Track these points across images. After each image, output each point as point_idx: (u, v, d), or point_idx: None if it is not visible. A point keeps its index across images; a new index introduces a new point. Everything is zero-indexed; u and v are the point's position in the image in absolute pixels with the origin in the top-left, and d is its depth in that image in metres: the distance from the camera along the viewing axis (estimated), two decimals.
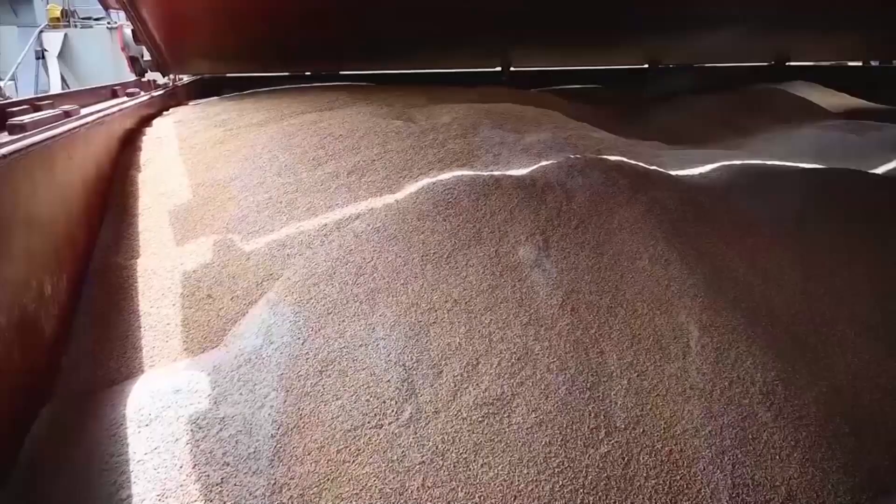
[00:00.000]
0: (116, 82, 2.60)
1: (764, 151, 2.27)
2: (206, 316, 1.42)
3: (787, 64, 4.20)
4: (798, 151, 2.26)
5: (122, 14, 2.73)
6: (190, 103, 2.89)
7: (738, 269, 1.54)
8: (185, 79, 3.36)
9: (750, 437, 1.18)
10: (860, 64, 4.52)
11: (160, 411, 1.16)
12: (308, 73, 3.57)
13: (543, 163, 1.85)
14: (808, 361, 1.35)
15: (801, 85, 3.97)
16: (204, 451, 1.11)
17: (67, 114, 1.69)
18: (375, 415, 1.18)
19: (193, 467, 1.08)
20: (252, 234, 1.63)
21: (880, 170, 2.15)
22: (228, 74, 3.53)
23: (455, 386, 1.23)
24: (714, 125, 2.97)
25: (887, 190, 1.97)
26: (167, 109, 2.69)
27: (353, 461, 1.11)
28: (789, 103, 3.48)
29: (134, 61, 2.97)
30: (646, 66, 4.02)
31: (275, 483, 1.07)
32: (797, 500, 1.10)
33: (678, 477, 1.12)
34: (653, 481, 1.11)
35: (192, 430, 1.14)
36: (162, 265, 1.56)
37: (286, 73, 3.55)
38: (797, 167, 2.04)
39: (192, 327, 1.40)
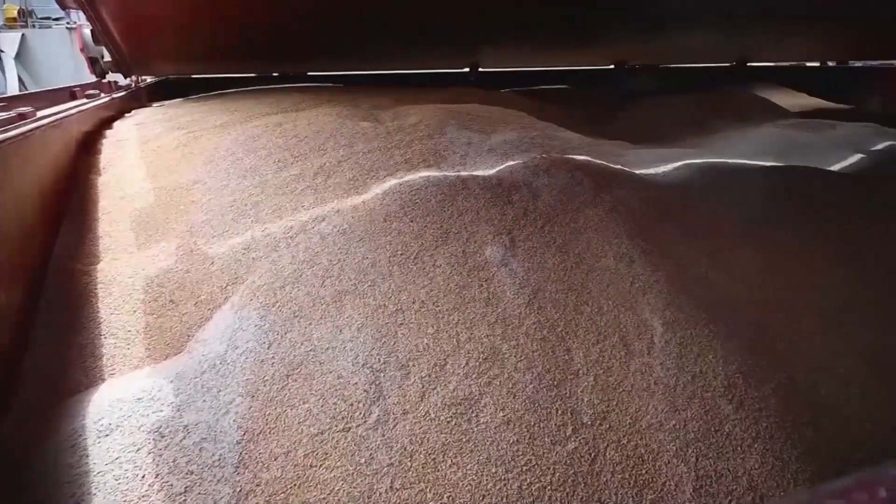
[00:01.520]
0: (76, 84, 2.54)
1: (725, 150, 2.32)
2: (169, 322, 1.39)
3: (748, 65, 4.30)
4: (758, 150, 2.32)
5: (81, 14, 2.65)
6: (153, 105, 2.84)
7: (700, 266, 1.57)
8: (149, 80, 3.29)
9: (712, 429, 1.20)
10: (818, 65, 4.65)
11: (121, 421, 1.14)
12: (275, 75, 3.52)
13: (510, 163, 1.86)
14: (768, 354, 1.39)
15: (762, 85, 4.08)
16: (167, 459, 1.09)
17: (22, 116, 1.65)
18: (343, 418, 1.17)
19: (156, 477, 1.06)
20: (216, 238, 1.60)
21: (836, 167, 2.21)
22: (194, 76, 3.47)
23: (423, 387, 1.23)
24: (678, 125, 3.02)
25: (842, 186, 2.03)
26: (129, 111, 2.63)
27: (321, 465, 1.10)
28: (750, 103, 3.57)
29: (94, 62, 2.90)
30: (612, 66, 4.07)
31: (240, 490, 1.05)
32: (758, 490, 1.12)
33: (643, 471, 1.14)
34: (619, 476, 1.13)
35: (154, 439, 1.11)
36: (123, 271, 1.52)
37: (253, 75, 3.50)
38: (757, 165, 2.09)
39: (154, 334, 1.37)
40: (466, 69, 3.72)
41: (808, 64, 4.64)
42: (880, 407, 1.35)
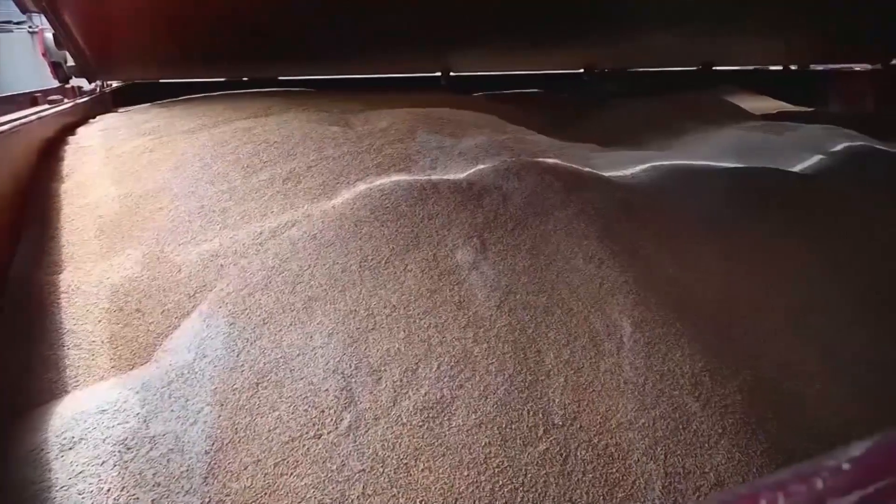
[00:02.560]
0: (37, 89, 2.47)
1: (691, 152, 2.37)
2: (135, 331, 1.37)
3: (713, 69, 4.39)
4: (722, 151, 2.37)
5: (43, 18, 2.58)
6: (118, 110, 2.78)
7: (667, 266, 1.60)
8: (114, 85, 3.23)
9: (680, 427, 1.22)
10: (780, 68, 4.77)
11: (85, 433, 1.11)
12: (245, 79, 3.48)
13: (480, 166, 1.87)
14: (733, 351, 1.42)
15: (727, 89, 4.17)
16: (133, 472, 1.07)
17: None
18: (314, 425, 1.16)
19: (122, 490, 1.04)
20: (183, 245, 1.58)
21: (797, 167, 2.28)
22: (161, 80, 3.40)
23: (395, 392, 1.23)
24: (646, 127, 3.07)
25: (804, 186, 2.09)
26: (93, 117, 2.57)
27: (291, 473, 1.09)
28: (715, 106, 3.65)
29: (56, 67, 2.83)
30: (582, 70, 4.13)
31: (209, 501, 1.04)
32: (725, 485, 1.15)
33: (614, 469, 1.15)
34: (590, 475, 1.14)
35: (119, 452, 1.09)
36: (86, 280, 1.49)
37: (222, 79, 3.45)
38: (721, 166, 2.14)
39: (119, 344, 1.34)
40: (438, 73, 3.73)
41: (771, 67, 4.75)
42: (841, 401, 1.39)
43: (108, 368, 1.29)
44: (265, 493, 1.05)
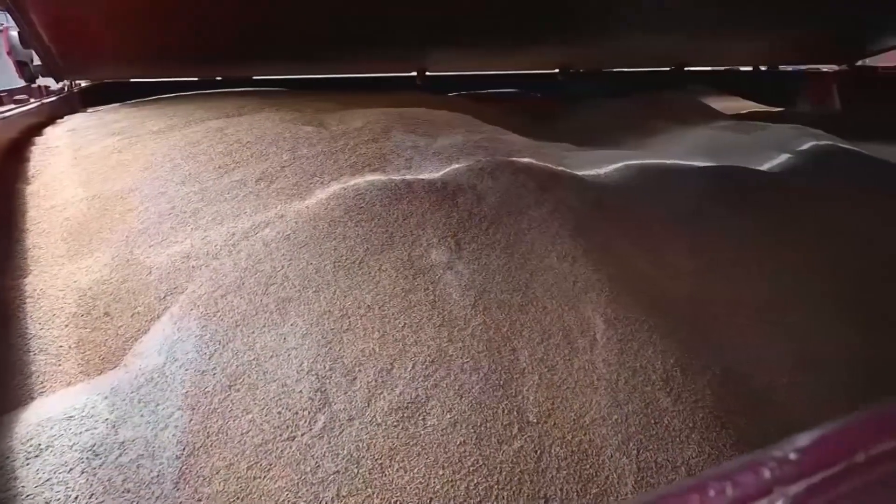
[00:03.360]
0: (3, 89, 2.41)
1: (663, 151, 2.41)
2: (104, 336, 1.34)
3: (685, 69, 4.46)
4: (694, 150, 2.41)
5: (7, 16, 2.52)
6: (87, 111, 2.72)
7: (639, 263, 1.62)
8: (83, 84, 3.16)
9: (652, 422, 1.24)
10: (750, 69, 4.87)
11: (51, 440, 1.09)
12: (218, 79, 3.43)
13: (455, 166, 1.88)
14: (704, 347, 1.44)
15: (699, 89, 4.24)
16: (101, 479, 1.05)
17: None
18: (287, 427, 1.15)
19: (90, 497, 1.02)
20: (154, 247, 1.55)
21: (766, 166, 2.32)
22: (132, 80, 3.34)
23: (369, 392, 1.23)
24: (619, 127, 3.11)
25: (772, 184, 2.14)
26: (60, 117, 2.51)
27: (265, 476, 1.08)
28: (687, 106, 3.70)
29: (22, 66, 2.76)
30: (557, 71, 4.15)
31: None
32: None
33: (588, 465, 1.16)
34: (564, 472, 1.15)
35: (87, 458, 1.07)
36: (53, 284, 1.46)
37: (195, 79, 3.40)
38: (692, 165, 2.18)
39: (87, 348, 1.31)
40: (414, 73, 3.72)
41: (742, 68, 4.85)
42: (808, 394, 1.42)
43: (75, 374, 1.27)
44: (238, 498, 1.04)
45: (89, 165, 1.90)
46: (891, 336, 1.58)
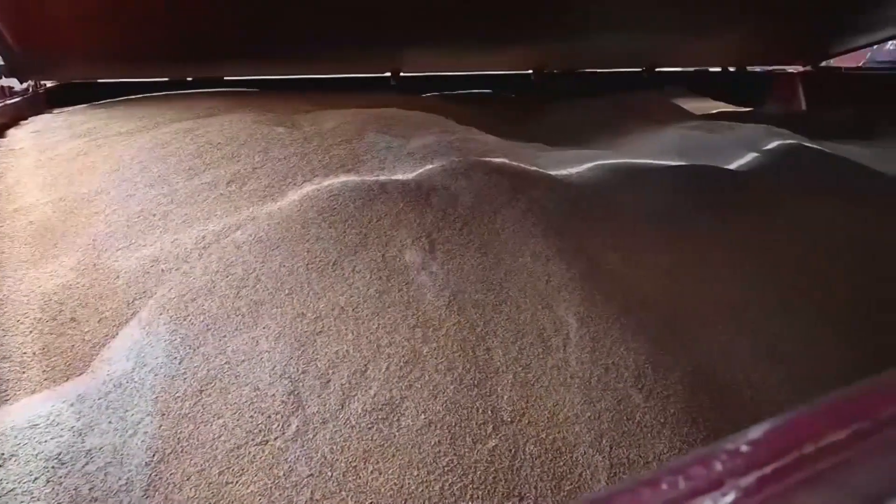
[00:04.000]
0: None
1: (634, 151, 2.44)
2: (70, 341, 1.31)
3: (657, 70, 4.53)
4: (664, 150, 2.45)
5: None
6: (53, 112, 2.66)
7: (611, 261, 1.64)
8: (48, 85, 3.08)
9: (625, 418, 1.25)
10: (720, 70, 4.96)
11: (15, 449, 1.06)
12: (189, 79, 3.38)
13: (429, 166, 1.88)
14: (674, 343, 1.46)
15: (670, 89, 4.31)
16: (68, 488, 1.02)
17: None
18: (260, 431, 1.14)
19: None
20: (122, 251, 1.52)
21: (734, 165, 2.37)
22: (100, 80, 3.27)
23: (343, 394, 1.22)
24: (592, 127, 3.14)
25: (739, 182, 2.18)
26: (24, 119, 2.45)
27: (237, 481, 1.06)
28: (658, 106, 3.76)
29: None
30: (531, 72, 4.18)
31: None
32: None
33: (561, 463, 1.17)
34: (538, 470, 1.16)
35: (53, 467, 1.05)
36: (17, 289, 1.42)
37: (165, 79, 3.34)
38: (663, 164, 2.21)
39: (53, 355, 1.28)
40: (388, 74, 3.71)
41: (711, 69, 4.93)
42: (777, 387, 1.45)
43: (40, 381, 1.24)
44: (210, 503, 1.03)
45: (54, 168, 1.85)
46: (854, 329, 1.62)
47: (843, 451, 0.30)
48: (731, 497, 0.25)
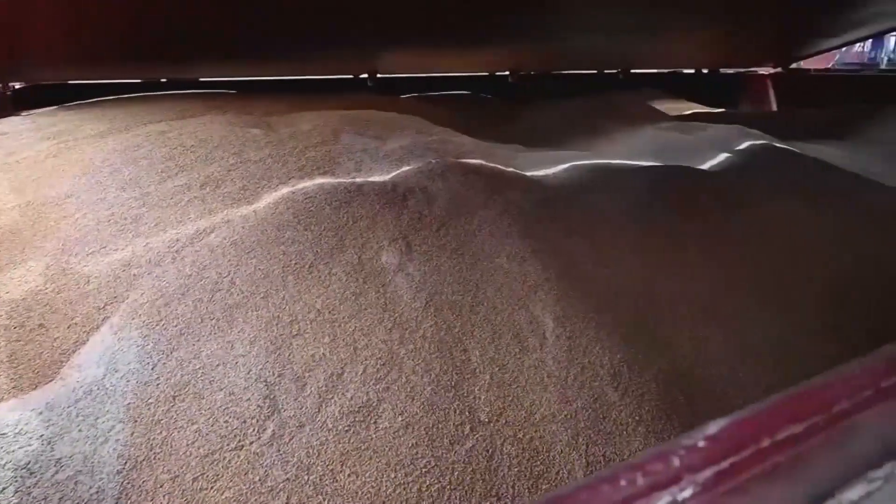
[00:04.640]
0: None
1: (609, 152, 2.47)
2: (38, 348, 1.28)
3: (632, 72, 4.59)
4: (638, 151, 2.48)
5: None
6: (21, 114, 2.60)
7: (587, 262, 1.65)
8: (16, 87, 3.01)
9: (601, 416, 1.27)
10: (693, 72, 5.04)
11: None
12: (163, 80, 3.33)
13: (405, 168, 1.87)
14: (649, 342, 1.48)
15: (644, 91, 4.37)
16: (37, 497, 1.00)
17: None
18: (235, 436, 1.13)
19: None
20: (92, 255, 1.50)
21: (706, 165, 2.41)
22: (70, 81, 3.20)
23: (320, 397, 1.21)
24: (568, 128, 3.17)
25: (712, 182, 2.22)
26: None
27: (211, 487, 1.05)
28: (633, 108, 3.81)
29: None
30: (507, 73, 4.21)
31: None
32: None
33: (538, 462, 1.18)
34: (515, 469, 1.16)
35: (21, 477, 1.02)
36: None
37: (138, 81, 3.28)
38: (637, 165, 2.24)
39: (20, 362, 1.25)
40: (365, 75, 3.70)
41: (685, 71, 5.01)
42: (750, 384, 1.48)
43: (7, 389, 1.21)
44: None
45: (22, 171, 1.81)
46: (825, 325, 1.66)
47: (799, 445, 0.30)
48: (688, 492, 0.26)
